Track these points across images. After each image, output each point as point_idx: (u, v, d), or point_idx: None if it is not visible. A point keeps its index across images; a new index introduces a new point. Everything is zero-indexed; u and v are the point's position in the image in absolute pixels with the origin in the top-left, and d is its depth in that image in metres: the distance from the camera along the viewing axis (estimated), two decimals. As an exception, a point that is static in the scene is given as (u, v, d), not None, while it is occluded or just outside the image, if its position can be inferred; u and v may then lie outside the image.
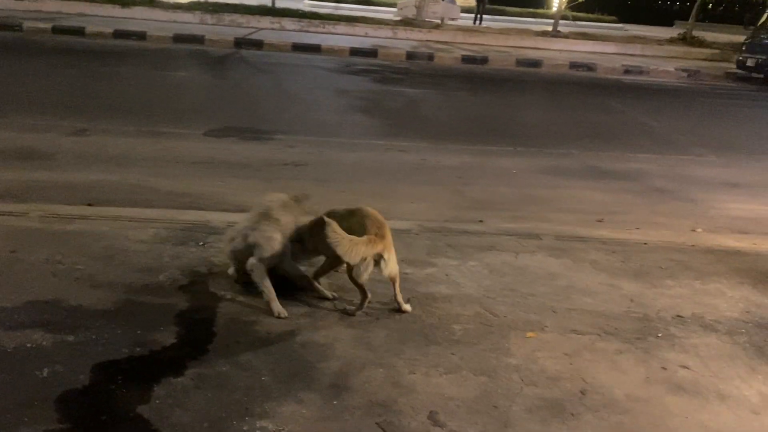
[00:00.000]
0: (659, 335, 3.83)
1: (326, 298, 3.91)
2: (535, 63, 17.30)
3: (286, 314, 3.66)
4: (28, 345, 3.20)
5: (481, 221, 5.64)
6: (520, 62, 17.27)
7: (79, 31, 15.47)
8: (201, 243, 4.59)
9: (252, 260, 3.78)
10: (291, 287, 3.96)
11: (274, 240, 3.83)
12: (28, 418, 2.70)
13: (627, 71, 17.63)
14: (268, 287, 3.74)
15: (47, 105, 8.95)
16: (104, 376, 3.02)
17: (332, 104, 10.68)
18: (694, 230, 6.02)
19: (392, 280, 3.80)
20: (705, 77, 18.13)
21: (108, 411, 2.79)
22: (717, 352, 3.70)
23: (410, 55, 16.87)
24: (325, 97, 11.30)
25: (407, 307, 3.85)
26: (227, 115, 9.35)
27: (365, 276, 3.68)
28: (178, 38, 15.76)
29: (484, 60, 17.15)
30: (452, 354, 3.45)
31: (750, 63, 17.94)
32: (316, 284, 3.96)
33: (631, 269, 4.78)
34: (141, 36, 15.71)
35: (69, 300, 3.66)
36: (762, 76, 17.65)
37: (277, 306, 3.69)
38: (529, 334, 3.71)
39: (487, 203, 6.43)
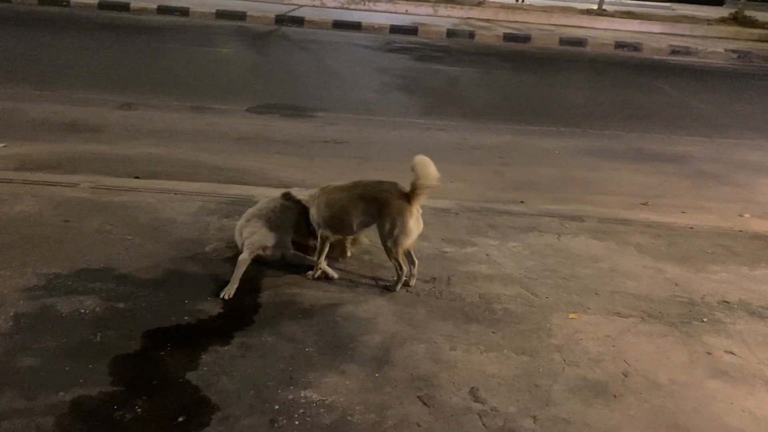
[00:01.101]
0: (704, 320, 3.78)
1: (331, 278, 3.92)
2: (580, 42, 16.89)
3: (230, 296, 3.61)
4: (82, 311, 3.32)
5: (522, 202, 5.60)
6: (564, 41, 16.89)
7: (124, 7, 15.67)
8: (245, 217, 4.66)
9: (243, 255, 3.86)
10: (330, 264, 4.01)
11: (258, 235, 3.90)
12: (84, 380, 2.81)
13: (674, 52, 17.11)
14: (237, 274, 3.72)
15: (94, 79, 9.13)
16: (154, 342, 3.12)
17: (372, 82, 10.65)
18: (741, 215, 5.86)
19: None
20: (756, 59, 17.47)
21: (158, 376, 2.89)
22: (764, 338, 3.63)
23: (451, 33, 16.63)
24: (366, 75, 11.27)
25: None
26: (269, 91, 9.41)
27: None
28: (221, 14, 15.84)
29: (526, 38, 16.82)
30: (493, 333, 3.46)
31: (805, 44, 17.25)
32: (322, 265, 3.93)
33: (676, 253, 4.70)
34: (184, 12, 15.84)
35: (119, 268, 3.78)
36: (818, 58, 16.94)
37: (230, 289, 3.64)
38: (572, 315, 3.69)
39: (528, 184, 6.37)
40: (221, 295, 3.58)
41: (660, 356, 3.38)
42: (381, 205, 3.66)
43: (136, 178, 5.51)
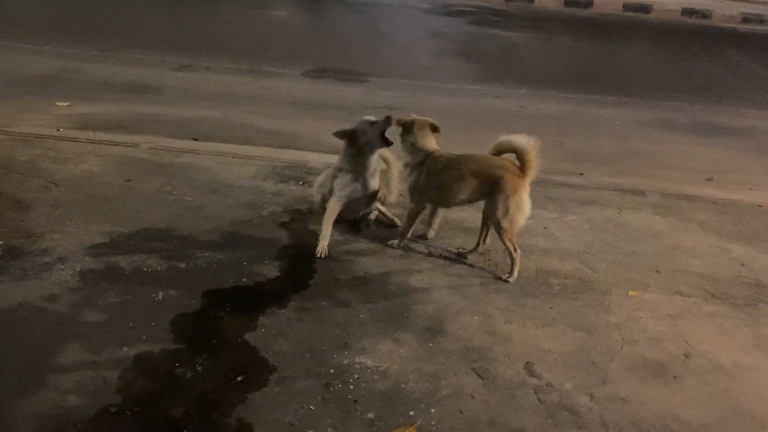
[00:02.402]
0: (772, 303, 3.63)
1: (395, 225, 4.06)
2: (644, 8, 16.19)
3: (326, 255, 3.69)
4: (144, 269, 3.41)
5: (581, 174, 5.46)
6: (628, 6, 16.21)
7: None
8: (301, 182, 4.69)
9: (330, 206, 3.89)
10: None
11: (350, 188, 3.91)
12: (147, 336, 2.89)
13: (745, 19, 16.25)
14: (327, 228, 3.78)
15: (152, 41, 9.24)
16: (213, 302, 3.19)
17: (427, 47, 10.48)
18: (814, 194, 5.59)
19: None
20: (835, 27, 16.47)
21: (217, 335, 2.95)
22: (835, 324, 3.47)
23: (509, -3, 16.20)
24: (420, 39, 11.09)
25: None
26: (323, 55, 9.35)
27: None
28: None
29: (588, 3, 16.23)
30: (549, 308, 3.41)
31: None
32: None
33: (743, 232, 4.52)
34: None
35: (180, 229, 3.86)
36: None
37: (322, 245, 3.72)
38: (631, 293, 3.60)
39: (587, 155, 6.19)
40: (317, 254, 3.66)
41: (723, 338, 3.27)
42: (496, 182, 3.55)
43: (194, 140, 5.58)
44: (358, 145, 3.89)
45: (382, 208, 4.21)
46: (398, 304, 3.32)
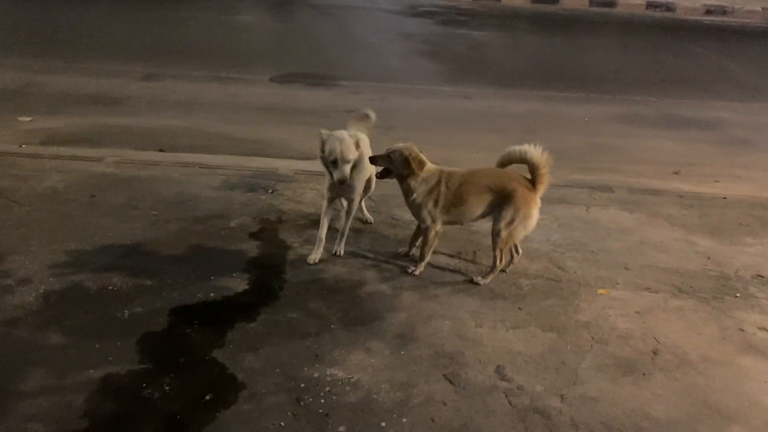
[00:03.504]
0: (737, 295, 3.69)
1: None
2: (610, 2, 16.36)
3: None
4: (110, 288, 3.36)
5: (550, 172, 5.48)
6: (593, 2, 16.37)
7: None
8: (270, 191, 4.65)
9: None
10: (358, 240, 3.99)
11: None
12: (113, 357, 2.84)
13: (709, 11, 16.51)
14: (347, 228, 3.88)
15: (117, 50, 9.10)
16: (181, 319, 3.14)
17: (396, 49, 10.47)
18: (777, 184, 5.69)
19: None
20: (796, 17, 16.81)
21: (185, 353, 2.91)
22: (800, 314, 3.53)
23: (477, -4, 16.26)
24: (389, 41, 11.08)
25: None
26: (292, 60, 9.30)
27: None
28: (242, -19, 15.69)
29: (554, 0, 16.38)
30: (519, 309, 3.42)
31: None
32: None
33: (709, 225, 4.58)
34: (205, -21, 15.70)
35: (145, 245, 3.80)
36: None
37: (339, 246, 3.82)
38: (600, 290, 3.63)
39: (556, 153, 6.12)
40: (335, 252, 3.76)
41: (691, 333, 3.31)
42: (508, 195, 3.52)
43: (161, 151, 5.51)
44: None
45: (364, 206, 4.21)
46: (370, 312, 3.30)
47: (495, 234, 3.55)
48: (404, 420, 2.60)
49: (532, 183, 3.55)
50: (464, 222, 3.77)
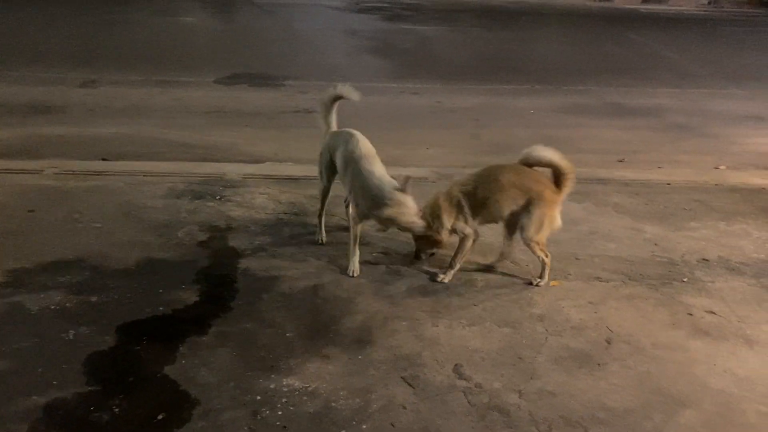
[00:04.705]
0: (684, 280, 3.78)
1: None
2: (551, -6, 16.69)
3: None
4: (53, 307, 3.21)
5: (499, 166, 5.53)
6: (535, -7, 16.67)
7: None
8: (218, 197, 4.55)
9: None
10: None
11: None
12: (58, 381, 2.72)
13: (645, 0, 17.00)
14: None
15: (54, 56, 8.80)
16: (129, 337, 3.03)
17: (342, 46, 10.43)
18: (717, 168, 5.88)
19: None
20: (726, 4, 17.47)
21: (134, 372, 2.81)
22: (743, 295, 3.64)
23: (421, -10, 16.31)
24: (335, 38, 11.02)
25: None
26: (236, 60, 9.15)
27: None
28: (182, -20, 15.35)
29: (497, -7, 16.57)
30: (475, 305, 3.43)
31: (775, -13, 17.18)
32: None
33: (655, 211, 4.69)
34: (144, -21, 15.31)
35: (89, 259, 3.66)
36: (787, 0, 16.94)
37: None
38: (553, 282, 3.66)
39: (504, 146, 6.26)
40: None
41: (642, 320, 3.37)
42: (534, 198, 3.53)
43: (104, 160, 5.33)
44: None
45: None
46: (325, 318, 3.26)
47: (527, 241, 3.58)
48: (364, 426, 2.56)
49: (557, 185, 3.57)
50: (498, 220, 3.72)
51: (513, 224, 3.67)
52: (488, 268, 3.80)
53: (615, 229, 4.38)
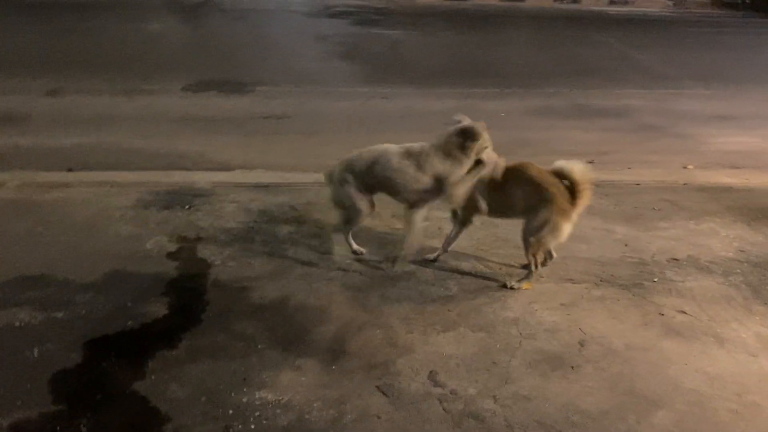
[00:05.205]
0: (655, 280, 3.82)
1: None
2: (519, -3, 16.86)
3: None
4: (17, 324, 3.13)
5: (471, 169, 5.54)
6: (504, -4, 16.82)
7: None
8: (187, 206, 4.48)
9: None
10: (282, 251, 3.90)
11: None
12: (22, 401, 2.64)
13: (612, 2, 17.27)
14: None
15: (17, 64, 8.58)
16: (97, 353, 2.96)
17: (312, 51, 10.37)
18: (685, 167, 5.96)
19: None
20: (691, 5, 17.81)
21: (103, 389, 2.74)
22: (713, 294, 3.69)
23: (390, -6, 16.35)
24: (304, 43, 10.96)
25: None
26: (204, 67, 9.04)
27: None
28: (149, -14, 15.16)
29: (466, -4, 16.68)
30: (449, 311, 3.42)
31: (736, -12, 17.56)
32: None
33: (625, 212, 4.74)
34: (110, -15, 15.07)
35: (55, 274, 3.57)
36: (749, 1, 17.31)
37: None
38: (525, 285, 3.67)
39: (476, 149, 6.29)
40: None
41: (614, 321, 3.39)
42: (542, 200, 3.52)
43: (69, 171, 5.22)
44: None
45: None
46: (298, 328, 3.22)
47: (524, 239, 3.60)
48: (339, 438, 2.53)
49: (572, 196, 3.53)
50: (508, 211, 3.73)
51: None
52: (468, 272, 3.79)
53: (586, 230, 4.40)
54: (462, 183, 3.54)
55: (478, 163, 3.58)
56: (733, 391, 2.89)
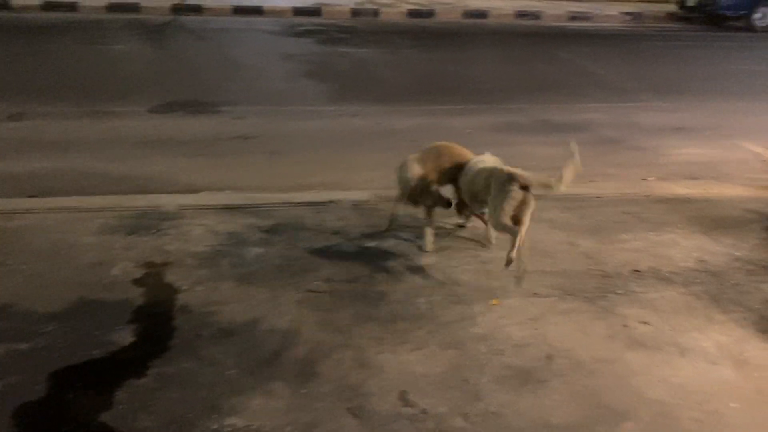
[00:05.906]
0: (619, 292, 3.90)
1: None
2: (482, 14, 17.09)
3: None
4: (-22, 358, 3.06)
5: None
6: (467, 14, 17.04)
7: (3, 6, 14.59)
8: (153, 231, 4.44)
9: None
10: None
11: None
12: (-16, 437, 2.59)
13: (573, 18, 17.62)
14: None
15: (-25, 89, 8.43)
16: (62, 384, 2.92)
17: (279, 70, 10.39)
18: (646, 179, 6.11)
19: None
20: (648, 19, 18.26)
21: (69, 421, 2.70)
22: (674, 304, 3.78)
23: (355, 12, 16.45)
24: (271, 62, 10.97)
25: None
26: (171, 88, 8.99)
27: None
28: (112, 7, 15.01)
29: (430, 13, 16.87)
30: (419, 328, 3.44)
31: (690, 2, 18.05)
32: None
33: (588, 225, 4.84)
34: (72, 6, 14.90)
35: (17, 304, 3.51)
36: (702, 15, 17.83)
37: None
38: (493, 301, 3.72)
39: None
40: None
41: (580, 334, 3.46)
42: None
43: (31, 197, 5.14)
44: None
45: None
46: (268, 352, 3.21)
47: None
48: (311, 462, 2.53)
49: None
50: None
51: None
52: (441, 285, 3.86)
53: (551, 244, 4.49)
54: None
55: None
56: (695, 400, 2.97)
